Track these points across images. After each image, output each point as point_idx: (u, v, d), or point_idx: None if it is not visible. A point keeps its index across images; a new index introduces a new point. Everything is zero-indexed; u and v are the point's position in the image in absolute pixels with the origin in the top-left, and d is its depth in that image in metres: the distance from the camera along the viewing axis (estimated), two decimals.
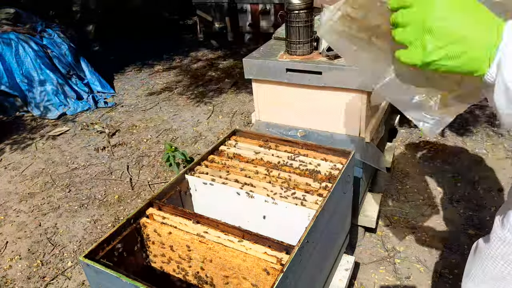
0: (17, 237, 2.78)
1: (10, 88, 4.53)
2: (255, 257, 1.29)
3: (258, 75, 2.13)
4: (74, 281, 2.39)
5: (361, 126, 2.03)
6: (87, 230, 2.78)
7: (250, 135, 2.05)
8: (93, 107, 4.69)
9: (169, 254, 1.53)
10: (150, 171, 3.40)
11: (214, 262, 1.41)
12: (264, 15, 5.99)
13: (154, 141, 3.89)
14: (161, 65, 6.01)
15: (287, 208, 1.55)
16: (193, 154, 3.54)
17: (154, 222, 1.51)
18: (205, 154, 1.89)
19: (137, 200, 3.05)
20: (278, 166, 1.79)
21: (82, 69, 5.01)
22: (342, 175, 1.63)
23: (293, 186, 1.64)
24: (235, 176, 1.73)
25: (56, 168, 3.56)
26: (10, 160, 3.76)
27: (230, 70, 5.54)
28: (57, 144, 3.99)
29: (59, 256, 2.58)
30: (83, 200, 3.09)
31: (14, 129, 4.36)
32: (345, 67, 1.87)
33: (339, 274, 1.90)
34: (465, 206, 2.66)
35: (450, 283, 2.15)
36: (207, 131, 3.97)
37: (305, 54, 2.07)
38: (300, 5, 1.94)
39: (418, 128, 3.64)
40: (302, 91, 2.09)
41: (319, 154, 1.84)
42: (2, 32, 4.50)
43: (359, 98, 1.95)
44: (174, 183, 1.71)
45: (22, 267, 2.52)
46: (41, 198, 3.17)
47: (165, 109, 4.53)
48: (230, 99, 4.64)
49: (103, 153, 3.74)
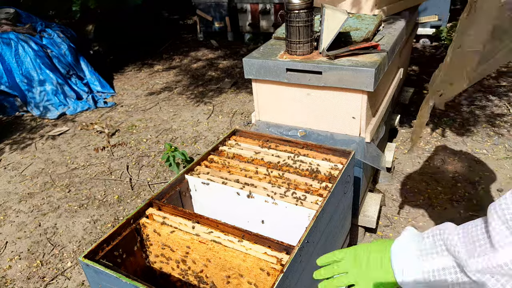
0: (16, 237, 2.77)
1: (10, 88, 4.53)
2: (255, 257, 1.29)
3: (258, 75, 2.12)
4: (74, 281, 2.38)
5: (361, 126, 2.03)
6: (86, 230, 2.78)
7: (250, 135, 2.05)
8: (92, 107, 4.68)
9: (169, 254, 1.53)
10: (150, 171, 3.39)
11: (214, 262, 1.40)
12: (264, 15, 5.98)
13: (154, 141, 3.88)
14: (160, 65, 6.00)
15: (287, 208, 1.55)
16: (193, 154, 3.54)
17: (154, 222, 1.51)
18: (205, 154, 1.89)
19: (137, 200, 3.05)
20: (278, 166, 1.79)
21: (81, 69, 5.00)
22: (342, 175, 1.63)
23: (293, 186, 1.64)
24: (235, 176, 1.73)
25: (55, 168, 3.55)
26: (9, 160, 3.75)
27: (230, 70, 5.53)
28: (56, 144, 3.98)
29: (58, 256, 2.58)
30: (82, 200, 3.09)
31: (14, 129, 4.36)
32: (345, 67, 1.87)
33: None
34: (465, 206, 2.66)
35: None
36: (207, 131, 3.97)
37: (305, 54, 2.06)
38: (300, 4, 1.93)
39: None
40: (302, 91, 2.08)
41: (319, 154, 1.84)
42: (2, 32, 4.50)
43: (359, 98, 1.95)
44: (174, 183, 1.71)
45: (21, 267, 2.51)
46: (41, 198, 3.17)
47: (165, 109, 4.53)
48: (230, 99, 4.63)
49: (103, 153, 3.74)
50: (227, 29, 6.51)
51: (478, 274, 0.65)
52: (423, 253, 0.76)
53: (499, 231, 0.61)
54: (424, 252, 0.76)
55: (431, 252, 0.75)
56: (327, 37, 1.98)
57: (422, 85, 4.45)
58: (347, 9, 2.49)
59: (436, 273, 0.73)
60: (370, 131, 2.05)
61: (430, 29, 5.63)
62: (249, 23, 6.19)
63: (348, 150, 1.78)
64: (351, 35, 2.18)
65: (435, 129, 3.58)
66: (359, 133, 2.06)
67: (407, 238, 0.81)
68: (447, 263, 0.72)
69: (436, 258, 0.73)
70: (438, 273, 0.72)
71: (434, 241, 0.76)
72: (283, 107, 2.20)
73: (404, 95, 3.76)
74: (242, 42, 6.50)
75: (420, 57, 5.33)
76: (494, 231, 0.62)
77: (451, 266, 0.71)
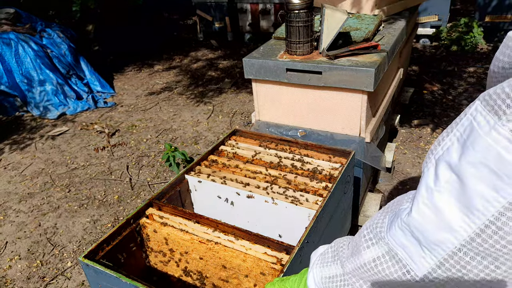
0: (16, 237, 2.77)
1: (10, 88, 4.53)
2: (255, 257, 1.29)
3: (258, 75, 2.12)
4: (74, 281, 2.38)
5: (361, 126, 2.03)
6: (86, 230, 2.78)
7: (250, 135, 2.05)
8: (92, 107, 4.69)
9: (168, 254, 1.53)
10: (150, 171, 3.39)
11: (214, 262, 1.40)
12: (264, 15, 5.98)
13: (154, 141, 3.88)
14: (161, 65, 6.00)
15: (287, 208, 1.55)
16: (193, 154, 3.54)
17: (154, 222, 1.51)
18: (205, 154, 1.89)
19: (137, 200, 3.05)
20: (278, 166, 1.79)
21: (81, 69, 5.00)
22: (342, 175, 1.63)
23: (293, 186, 1.64)
24: (235, 176, 1.73)
25: (55, 168, 3.55)
26: (9, 160, 3.75)
27: (230, 70, 5.53)
28: (56, 144, 3.98)
29: (58, 256, 2.58)
30: (82, 200, 3.09)
31: (14, 129, 4.36)
32: (345, 67, 1.87)
33: None
34: None
35: None
36: (207, 131, 3.97)
37: (305, 54, 2.06)
38: (300, 4, 1.93)
39: (417, 128, 3.64)
40: (302, 91, 2.08)
41: (319, 154, 1.84)
42: (2, 32, 4.50)
43: (359, 98, 1.95)
44: (174, 183, 1.71)
45: (21, 267, 2.51)
46: (41, 198, 3.17)
47: (165, 109, 4.53)
48: (230, 99, 4.63)
49: (103, 153, 3.74)
50: (227, 29, 6.51)
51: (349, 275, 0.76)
52: (323, 262, 0.85)
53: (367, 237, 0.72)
54: (324, 261, 0.84)
55: (326, 261, 0.83)
56: (327, 37, 1.98)
57: (423, 85, 4.45)
58: (347, 9, 2.49)
59: (326, 280, 0.82)
60: (370, 131, 2.05)
61: (430, 29, 5.63)
62: (249, 23, 6.19)
63: (348, 150, 1.78)
64: (351, 35, 2.18)
65: (435, 129, 3.58)
66: (359, 133, 2.05)
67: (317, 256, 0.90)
68: (336, 271, 0.80)
69: (330, 266, 0.82)
70: (328, 280, 0.81)
71: (333, 251, 0.84)
72: (283, 107, 2.20)
73: (404, 95, 3.77)
74: (242, 42, 6.50)
75: (420, 57, 5.33)
76: (363, 239, 0.73)
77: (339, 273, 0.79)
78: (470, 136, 0.56)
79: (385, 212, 0.73)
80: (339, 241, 0.84)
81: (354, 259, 0.73)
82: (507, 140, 0.51)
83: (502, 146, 0.51)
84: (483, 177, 0.54)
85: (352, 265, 0.74)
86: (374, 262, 0.69)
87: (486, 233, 0.55)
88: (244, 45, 6.37)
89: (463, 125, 0.58)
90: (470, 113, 0.57)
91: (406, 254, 0.65)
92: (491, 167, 0.52)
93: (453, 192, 0.57)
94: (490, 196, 0.53)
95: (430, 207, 0.61)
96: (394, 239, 0.67)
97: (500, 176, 0.52)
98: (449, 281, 0.62)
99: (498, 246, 0.55)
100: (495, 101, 0.54)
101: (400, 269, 0.66)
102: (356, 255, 0.73)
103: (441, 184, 0.59)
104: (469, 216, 0.56)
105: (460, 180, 0.57)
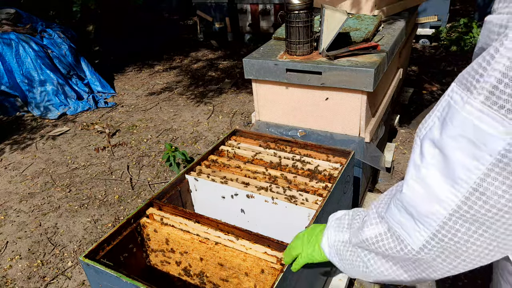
0: (17, 237, 2.78)
1: (11, 88, 4.53)
2: (255, 257, 1.30)
3: (258, 75, 2.13)
4: (74, 281, 2.39)
5: (361, 126, 2.03)
6: (87, 230, 2.78)
7: (250, 135, 2.05)
8: (93, 107, 4.69)
9: (169, 254, 1.54)
10: (150, 171, 3.40)
11: (214, 262, 1.41)
12: (264, 15, 5.99)
13: (154, 141, 3.89)
14: (161, 65, 6.01)
15: (287, 208, 1.56)
16: (193, 154, 3.55)
17: (154, 222, 1.52)
18: (205, 154, 1.89)
19: (137, 200, 3.05)
20: (278, 166, 1.80)
21: (82, 69, 5.01)
22: (342, 175, 1.64)
23: (293, 186, 1.65)
24: (235, 176, 1.74)
25: (56, 168, 3.56)
26: (10, 160, 3.76)
27: (230, 70, 5.54)
28: (57, 144, 3.99)
29: (59, 256, 2.58)
30: (83, 200, 3.09)
31: (15, 129, 4.36)
32: (345, 67, 1.88)
33: (339, 273, 1.90)
34: None
35: (450, 283, 2.15)
36: (207, 131, 3.98)
37: (305, 54, 2.07)
38: (300, 5, 1.94)
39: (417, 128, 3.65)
40: (302, 91, 2.09)
41: (319, 154, 1.84)
42: (2, 32, 4.51)
43: (359, 98, 1.95)
44: (174, 183, 1.72)
45: (22, 267, 2.52)
46: (41, 198, 3.17)
47: (165, 109, 4.53)
48: (230, 99, 4.64)
49: (103, 153, 3.74)
50: (227, 29, 6.52)
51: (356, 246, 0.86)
52: (339, 226, 0.95)
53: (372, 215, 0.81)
54: (341, 226, 0.94)
55: (342, 227, 0.93)
56: (327, 37, 1.99)
57: (422, 85, 4.46)
58: (347, 9, 2.50)
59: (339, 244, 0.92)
60: (369, 131, 2.06)
61: (430, 29, 5.63)
62: (249, 23, 6.19)
63: (347, 150, 1.78)
64: (351, 36, 2.19)
65: None
66: (359, 133, 2.06)
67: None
68: (345, 236, 0.90)
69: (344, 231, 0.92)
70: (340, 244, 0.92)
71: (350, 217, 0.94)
72: (283, 107, 2.20)
73: (404, 95, 3.77)
74: (242, 42, 6.51)
75: (419, 58, 5.34)
76: (368, 216, 0.83)
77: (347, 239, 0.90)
78: (449, 113, 0.61)
79: (388, 194, 0.81)
80: (356, 211, 0.94)
81: (360, 233, 0.82)
82: (479, 111, 0.55)
83: (475, 117, 0.56)
84: (463, 148, 0.58)
85: (357, 239, 0.83)
86: (375, 238, 0.77)
87: (471, 200, 0.59)
88: (244, 46, 6.38)
89: (442, 105, 0.63)
90: (448, 94, 0.62)
91: (403, 230, 0.70)
92: (469, 137, 0.57)
93: (438, 165, 0.62)
94: (471, 165, 0.58)
95: (418, 182, 0.66)
96: (392, 217, 0.73)
97: (477, 145, 0.56)
98: (444, 250, 0.66)
99: (483, 211, 0.59)
100: (466, 79, 0.59)
101: (399, 244, 0.72)
102: (362, 230, 0.82)
103: (427, 160, 0.64)
104: (454, 186, 0.60)
105: (443, 154, 0.61)
